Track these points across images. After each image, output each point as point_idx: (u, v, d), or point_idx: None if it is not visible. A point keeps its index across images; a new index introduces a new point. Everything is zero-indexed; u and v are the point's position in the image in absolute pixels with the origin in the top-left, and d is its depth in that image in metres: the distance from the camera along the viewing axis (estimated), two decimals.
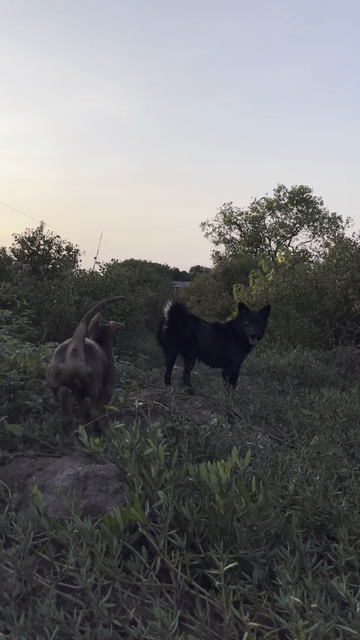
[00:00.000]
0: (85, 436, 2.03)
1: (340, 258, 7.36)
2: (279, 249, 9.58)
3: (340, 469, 2.16)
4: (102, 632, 1.26)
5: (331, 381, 4.37)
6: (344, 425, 2.88)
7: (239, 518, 1.52)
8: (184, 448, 2.25)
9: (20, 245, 15.13)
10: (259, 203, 32.84)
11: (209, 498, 1.68)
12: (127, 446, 1.87)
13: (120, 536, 1.52)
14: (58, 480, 1.89)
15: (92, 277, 10.36)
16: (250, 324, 3.47)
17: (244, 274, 17.02)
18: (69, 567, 1.39)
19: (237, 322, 3.60)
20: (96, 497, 1.80)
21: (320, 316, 7.15)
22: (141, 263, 29.00)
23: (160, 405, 3.01)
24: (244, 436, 2.51)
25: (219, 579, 1.29)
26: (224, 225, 33.33)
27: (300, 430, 2.85)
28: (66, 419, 2.54)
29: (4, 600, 1.39)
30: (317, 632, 1.18)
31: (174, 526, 1.58)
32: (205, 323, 3.71)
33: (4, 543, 1.59)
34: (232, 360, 3.66)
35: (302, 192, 32.15)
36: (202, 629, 1.25)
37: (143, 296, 15.00)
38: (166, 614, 1.22)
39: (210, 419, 2.81)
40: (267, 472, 2.01)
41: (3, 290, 8.33)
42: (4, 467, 2.13)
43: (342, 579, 1.27)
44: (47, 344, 4.27)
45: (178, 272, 48.13)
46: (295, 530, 1.56)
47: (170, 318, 3.54)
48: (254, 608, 1.34)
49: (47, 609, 1.28)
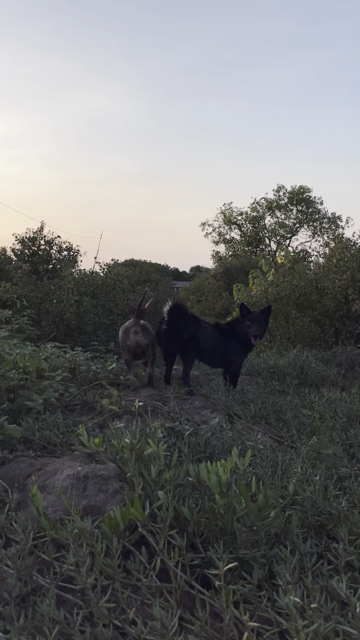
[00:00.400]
0: (85, 436, 2.03)
1: (340, 258, 7.36)
2: (279, 249, 9.57)
3: (340, 469, 2.16)
4: (102, 632, 1.26)
5: (331, 381, 4.36)
6: (344, 425, 2.88)
7: (239, 518, 1.52)
8: (184, 448, 2.25)
9: (21, 245, 15.12)
10: (259, 203, 32.88)
11: (209, 498, 1.68)
12: (127, 446, 1.87)
13: (120, 536, 1.53)
14: (58, 480, 1.89)
15: (92, 277, 10.35)
16: (252, 324, 3.47)
17: (244, 274, 17.02)
18: (69, 567, 1.39)
19: (238, 322, 3.60)
20: (96, 497, 1.80)
21: (320, 316, 7.15)
22: (141, 263, 28.98)
23: (160, 405, 3.01)
24: (244, 436, 2.51)
25: (219, 579, 1.29)
26: (224, 225, 33.37)
27: (300, 430, 2.85)
28: (137, 384, 3.66)
29: (4, 600, 1.39)
30: (317, 632, 1.18)
31: (174, 526, 1.58)
32: (206, 323, 3.71)
33: (4, 543, 1.59)
34: (233, 361, 3.66)
35: (302, 192, 32.17)
36: (202, 629, 1.25)
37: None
38: (166, 614, 1.22)
39: (210, 419, 2.81)
40: (267, 472, 2.01)
41: (3, 290, 8.32)
42: (4, 467, 2.13)
43: (342, 579, 1.27)
44: (47, 344, 4.27)
45: (178, 272, 48.11)
46: (295, 530, 1.56)
47: (170, 318, 3.54)
48: (253, 608, 1.34)
49: (47, 609, 1.28)
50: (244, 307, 3.57)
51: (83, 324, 8.72)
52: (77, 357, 3.79)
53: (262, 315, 3.54)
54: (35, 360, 3.37)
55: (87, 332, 8.56)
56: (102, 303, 9.32)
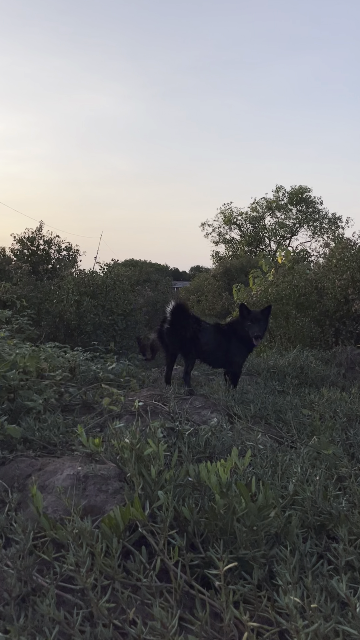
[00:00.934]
0: (84, 436, 2.03)
1: (340, 258, 7.36)
2: (279, 249, 9.56)
3: (340, 469, 2.16)
4: (102, 632, 1.26)
5: (331, 381, 4.36)
6: (344, 425, 2.88)
7: (239, 518, 1.52)
8: (184, 448, 2.25)
9: (20, 245, 15.12)
10: (259, 203, 32.89)
11: (209, 498, 1.68)
12: (127, 446, 1.87)
13: (120, 536, 1.52)
14: (58, 480, 1.89)
15: (92, 277, 10.34)
16: (253, 324, 3.47)
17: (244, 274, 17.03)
18: (69, 567, 1.39)
19: (239, 323, 3.60)
20: (96, 497, 1.80)
21: (320, 316, 7.15)
22: (141, 263, 28.99)
23: (160, 405, 3.01)
24: (244, 436, 2.51)
25: (219, 579, 1.29)
26: (223, 225, 33.37)
27: (300, 430, 2.85)
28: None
29: (4, 600, 1.39)
30: (317, 632, 1.18)
31: (174, 526, 1.58)
32: (207, 324, 3.71)
33: (4, 543, 1.59)
34: (234, 361, 3.66)
35: (302, 192, 32.17)
36: (202, 629, 1.25)
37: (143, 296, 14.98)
38: (166, 614, 1.21)
39: (210, 419, 2.81)
40: (267, 472, 2.00)
41: (3, 290, 8.32)
42: (4, 467, 2.13)
43: (342, 579, 1.27)
44: (47, 344, 4.27)
45: (178, 272, 48.11)
46: (295, 530, 1.56)
47: (173, 318, 3.54)
48: (253, 608, 1.34)
49: (47, 609, 1.28)
50: (244, 307, 3.57)
51: (83, 324, 8.72)
52: (77, 357, 3.79)
53: (262, 315, 3.54)
54: (35, 360, 3.36)
55: (87, 332, 8.57)
56: (102, 303, 9.32)
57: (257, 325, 3.47)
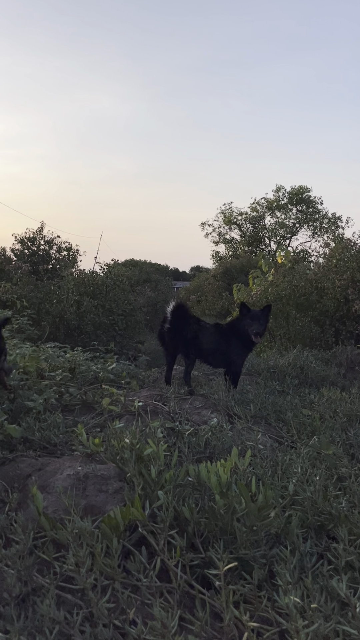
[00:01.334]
0: (84, 436, 2.03)
1: (340, 258, 7.35)
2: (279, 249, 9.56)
3: (340, 469, 2.15)
4: (102, 632, 1.26)
5: (331, 381, 4.36)
6: (344, 425, 2.88)
7: (239, 518, 1.52)
8: (183, 448, 2.25)
9: (21, 245, 15.14)
10: (259, 203, 32.86)
11: (209, 498, 1.68)
12: (127, 446, 1.87)
13: (120, 536, 1.52)
14: (58, 480, 1.89)
15: (92, 277, 10.34)
16: (253, 322, 3.48)
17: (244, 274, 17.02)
18: (69, 567, 1.39)
19: (239, 322, 3.61)
20: (96, 497, 1.80)
21: (320, 316, 7.14)
22: (141, 263, 28.97)
23: (160, 405, 3.01)
24: (244, 436, 2.51)
25: (219, 579, 1.29)
26: (224, 225, 33.34)
27: (300, 430, 2.85)
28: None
29: (4, 600, 1.39)
30: (317, 632, 1.18)
31: (174, 526, 1.58)
32: (207, 324, 3.72)
33: (4, 543, 1.59)
34: (234, 360, 3.66)
35: (302, 192, 32.15)
36: (202, 629, 1.25)
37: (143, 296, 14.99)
38: (166, 614, 1.21)
39: (210, 419, 2.81)
40: (267, 472, 2.00)
41: (3, 290, 8.32)
42: (4, 467, 2.13)
43: (342, 579, 1.27)
44: (47, 344, 4.27)
45: (178, 272, 48.12)
46: (295, 530, 1.56)
47: (173, 318, 3.55)
48: (254, 608, 1.34)
49: (47, 609, 1.28)
50: (244, 306, 3.58)
51: (83, 324, 8.72)
52: (77, 357, 3.79)
53: (262, 314, 3.55)
54: (35, 361, 3.37)
55: (87, 332, 8.57)
56: (102, 303, 9.32)
57: (257, 323, 3.48)
